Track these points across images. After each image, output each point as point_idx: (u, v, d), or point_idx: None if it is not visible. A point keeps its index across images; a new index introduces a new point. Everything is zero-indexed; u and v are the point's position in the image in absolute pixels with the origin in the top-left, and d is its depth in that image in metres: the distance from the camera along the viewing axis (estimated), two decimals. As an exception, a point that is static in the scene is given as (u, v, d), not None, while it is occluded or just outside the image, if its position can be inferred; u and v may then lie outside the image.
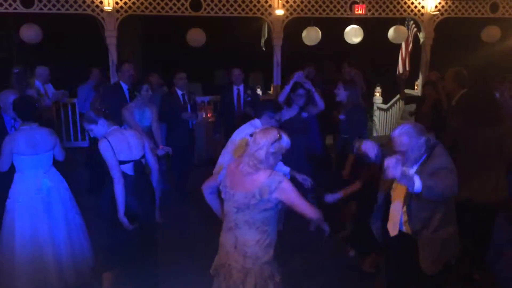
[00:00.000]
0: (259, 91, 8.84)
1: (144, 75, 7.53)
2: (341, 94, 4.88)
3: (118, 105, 5.11)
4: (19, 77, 5.49)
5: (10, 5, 7.25)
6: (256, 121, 4.09)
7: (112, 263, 3.62)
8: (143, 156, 3.66)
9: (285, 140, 2.72)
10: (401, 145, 2.85)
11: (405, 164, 2.85)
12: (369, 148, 3.02)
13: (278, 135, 2.68)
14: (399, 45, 9.61)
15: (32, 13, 7.37)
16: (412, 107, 7.17)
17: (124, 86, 5.50)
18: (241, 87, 6.43)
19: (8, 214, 3.84)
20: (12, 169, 3.85)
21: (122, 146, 3.49)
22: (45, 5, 7.32)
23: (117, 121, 4.99)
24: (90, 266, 4.14)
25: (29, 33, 7.33)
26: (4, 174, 3.84)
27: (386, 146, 3.16)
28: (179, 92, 5.90)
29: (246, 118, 6.06)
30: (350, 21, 8.39)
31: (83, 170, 6.28)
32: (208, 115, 8.21)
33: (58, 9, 7.39)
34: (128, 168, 3.51)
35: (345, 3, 8.22)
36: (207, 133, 7.89)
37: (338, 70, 7.82)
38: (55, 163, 4.06)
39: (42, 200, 3.87)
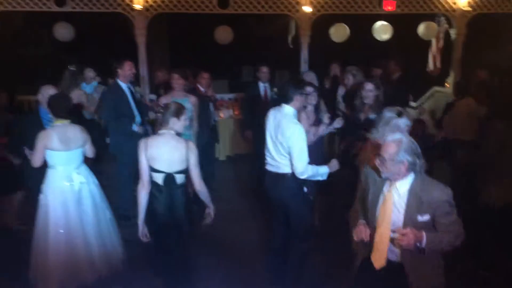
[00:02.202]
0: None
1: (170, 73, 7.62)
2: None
3: (118, 105, 5.20)
4: (73, 74, 5.64)
5: (44, 4, 7.47)
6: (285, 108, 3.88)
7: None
8: (182, 171, 3.49)
9: None
10: (385, 152, 2.70)
11: (382, 172, 2.75)
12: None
13: None
14: (429, 42, 9.40)
15: (65, 12, 7.58)
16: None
17: (123, 85, 5.36)
18: (268, 85, 6.43)
19: (41, 209, 3.97)
20: (45, 165, 3.97)
21: (158, 153, 3.41)
22: (77, 4, 7.51)
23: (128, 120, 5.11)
24: (120, 258, 4.24)
25: (62, 31, 7.53)
26: (37, 169, 3.96)
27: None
28: (202, 90, 5.97)
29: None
30: (378, 17, 8.27)
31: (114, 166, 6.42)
32: (235, 113, 8.25)
33: (90, 8, 7.56)
34: (159, 179, 3.44)
35: (374, -1, 8.11)
36: (235, 130, 7.94)
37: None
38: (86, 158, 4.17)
39: (73, 195, 3.98)
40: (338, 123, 4.51)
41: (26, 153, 4.03)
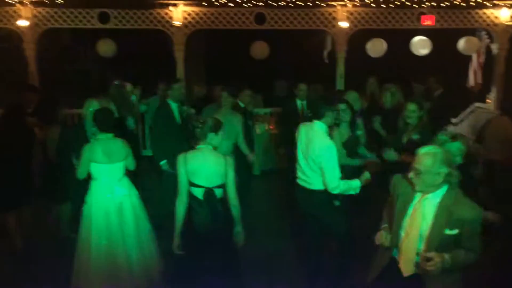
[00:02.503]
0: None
1: (209, 88, 7.76)
2: None
3: (165, 123, 5.33)
4: (118, 88, 5.85)
5: (88, 21, 7.78)
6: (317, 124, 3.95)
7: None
8: (221, 186, 3.50)
9: None
10: (420, 164, 2.67)
11: (416, 185, 2.71)
12: None
13: None
14: (470, 57, 9.18)
15: (108, 28, 7.87)
16: None
17: (173, 104, 5.51)
18: (305, 102, 6.44)
19: (85, 219, 4.09)
20: (88, 177, 4.10)
21: (198, 168, 3.43)
22: (120, 21, 7.78)
23: (176, 139, 5.20)
24: (159, 270, 4.29)
25: (105, 47, 7.81)
26: (81, 181, 4.10)
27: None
28: (241, 105, 6.02)
29: None
30: (416, 32, 8.16)
31: (152, 178, 6.53)
32: (271, 127, 8.28)
33: (132, 24, 7.83)
34: (199, 193, 3.46)
35: (412, 14, 8.02)
36: (270, 144, 7.95)
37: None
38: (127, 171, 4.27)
39: (115, 206, 4.08)
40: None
41: (75, 163, 4.16)
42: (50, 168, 4.99)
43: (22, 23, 7.66)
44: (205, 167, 3.42)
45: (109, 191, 4.09)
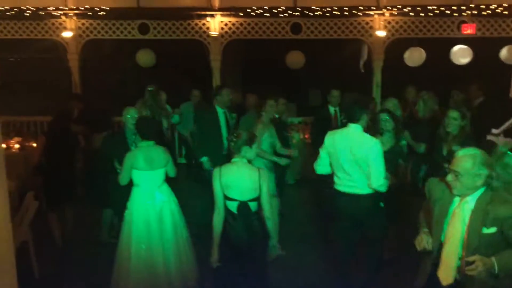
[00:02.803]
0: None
1: (243, 97, 7.82)
2: None
3: (211, 129, 5.36)
4: (153, 94, 5.99)
5: (129, 32, 8.03)
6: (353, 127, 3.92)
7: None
8: (256, 199, 3.47)
9: None
10: (459, 166, 2.60)
11: (455, 188, 2.64)
12: None
13: None
14: (512, 66, 8.90)
15: (147, 39, 8.10)
16: None
17: (220, 110, 5.54)
18: (338, 108, 6.40)
19: (126, 224, 4.18)
20: (130, 183, 4.20)
21: (232, 182, 3.42)
22: (158, 32, 8.00)
23: (214, 146, 5.25)
24: (195, 278, 4.33)
25: (144, 57, 8.03)
26: (123, 187, 4.20)
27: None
28: (276, 115, 6.03)
29: None
30: (456, 41, 8.00)
31: (183, 186, 6.62)
32: (306, 136, 8.26)
33: (170, 35, 8.03)
34: (234, 207, 3.45)
35: (452, 22, 7.87)
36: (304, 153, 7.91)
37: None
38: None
39: (155, 213, 4.16)
40: None
41: (118, 168, 4.27)
42: (94, 174, 5.16)
43: (67, 34, 7.98)
44: (239, 181, 3.42)
45: (150, 197, 4.17)
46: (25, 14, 7.70)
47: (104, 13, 7.73)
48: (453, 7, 7.51)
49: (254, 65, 12.47)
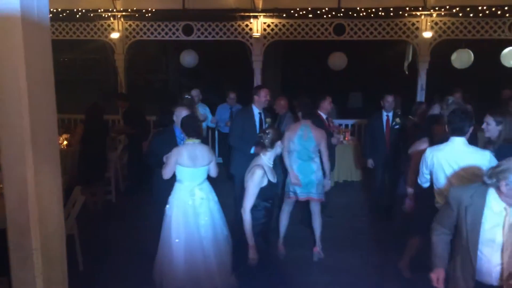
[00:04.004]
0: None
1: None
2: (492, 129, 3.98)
3: (248, 129, 5.35)
4: (190, 101, 6.15)
5: (174, 33, 8.21)
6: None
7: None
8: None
9: None
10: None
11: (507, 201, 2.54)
12: None
13: None
14: None
15: (189, 40, 8.25)
16: None
17: (255, 110, 5.52)
18: (391, 114, 6.24)
19: (166, 219, 4.26)
20: (172, 179, 4.29)
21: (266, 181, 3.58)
22: (202, 33, 8.12)
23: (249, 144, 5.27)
24: (231, 276, 4.35)
25: (188, 58, 8.18)
26: (165, 183, 4.30)
27: None
28: (324, 116, 5.99)
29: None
30: (507, 43, 7.67)
31: (223, 185, 6.68)
32: (346, 138, 8.14)
33: (213, 36, 8.14)
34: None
35: (503, 23, 7.55)
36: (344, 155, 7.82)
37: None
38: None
39: (193, 209, 4.22)
40: None
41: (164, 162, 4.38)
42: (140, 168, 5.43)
43: (114, 35, 8.25)
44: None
45: (191, 194, 4.23)
46: (76, 16, 8.02)
47: (150, 14, 7.94)
48: (505, 8, 7.20)
49: (296, 67, 12.47)
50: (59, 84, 2.46)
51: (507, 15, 7.44)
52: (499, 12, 7.34)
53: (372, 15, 7.66)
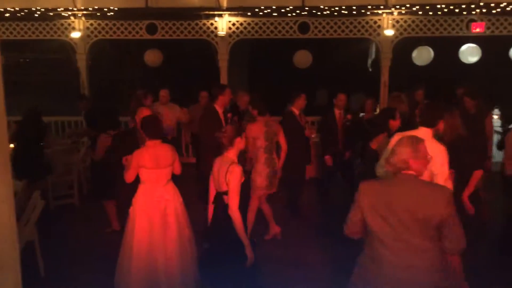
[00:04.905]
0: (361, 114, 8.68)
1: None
2: None
3: (212, 127, 5.35)
4: (138, 97, 6.07)
5: (137, 32, 8.08)
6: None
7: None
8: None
9: None
10: None
11: None
12: None
13: None
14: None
15: (154, 39, 8.14)
16: None
17: (219, 110, 5.57)
18: (342, 111, 6.36)
19: (130, 221, 4.20)
20: (137, 181, 4.22)
21: (215, 173, 3.57)
22: (166, 32, 8.03)
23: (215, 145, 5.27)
24: (195, 279, 4.32)
25: (152, 57, 8.07)
26: (130, 185, 4.23)
27: None
28: (297, 112, 6.06)
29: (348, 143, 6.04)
30: (465, 40, 7.93)
31: (192, 185, 6.64)
32: (312, 135, 8.23)
33: (178, 35, 8.06)
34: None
35: (461, 21, 7.80)
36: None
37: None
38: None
39: (159, 211, 4.16)
40: None
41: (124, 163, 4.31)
42: (101, 169, 5.38)
43: (75, 35, 8.05)
44: (218, 173, 3.55)
45: (155, 195, 4.18)
46: (34, 15, 7.78)
47: (112, 13, 7.78)
48: (462, 6, 7.43)
49: (261, 65, 12.50)
50: (20, 85, 2.38)
51: (465, 13, 7.68)
52: (456, 10, 7.57)
53: (335, 14, 7.75)
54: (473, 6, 7.43)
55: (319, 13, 7.75)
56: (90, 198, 6.70)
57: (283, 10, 7.68)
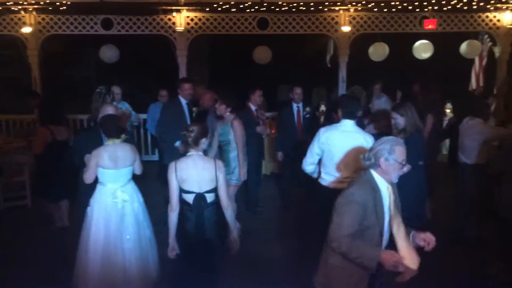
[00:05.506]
0: (323, 107, 8.82)
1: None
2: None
3: (177, 119, 5.36)
4: (102, 95, 5.87)
5: (92, 27, 7.83)
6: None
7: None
8: (212, 190, 3.53)
9: None
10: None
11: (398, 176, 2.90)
12: None
13: None
14: (472, 60, 9.19)
15: (110, 34, 7.91)
16: None
17: (183, 101, 5.60)
18: (301, 105, 6.43)
19: (87, 221, 4.10)
20: (96, 180, 4.11)
21: (188, 175, 3.46)
22: (122, 27, 7.83)
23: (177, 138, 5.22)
24: (154, 278, 4.27)
25: (108, 53, 7.85)
26: (90, 185, 4.12)
27: None
28: (253, 108, 6.06)
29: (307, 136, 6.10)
30: (419, 36, 8.18)
31: (154, 183, 6.53)
32: (272, 131, 8.27)
33: (135, 30, 7.87)
34: (191, 199, 3.49)
35: (415, 18, 8.03)
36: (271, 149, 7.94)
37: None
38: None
39: (116, 212, 4.07)
40: None
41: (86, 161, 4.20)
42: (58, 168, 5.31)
43: (26, 30, 7.72)
44: (195, 173, 3.47)
45: (113, 196, 4.08)
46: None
47: (65, 7, 7.50)
48: (415, 3, 7.66)
49: (223, 61, 12.42)
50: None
51: (418, 10, 7.92)
52: (410, 7, 7.80)
53: (293, 10, 7.81)
54: (425, 3, 7.67)
55: (277, 9, 7.78)
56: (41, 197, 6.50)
57: (241, 6, 7.66)
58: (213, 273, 3.67)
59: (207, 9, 7.80)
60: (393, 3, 7.64)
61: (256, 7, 7.73)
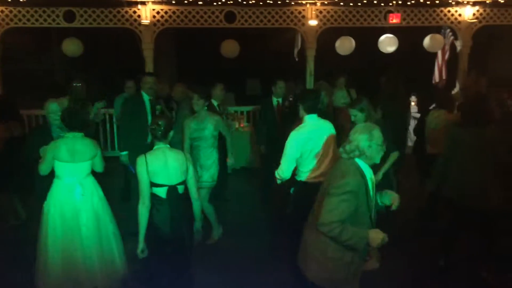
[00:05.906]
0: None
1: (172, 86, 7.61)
2: None
3: (134, 112, 5.33)
4: (78, 89, 5.82)
5: (54, 20, 7.60)
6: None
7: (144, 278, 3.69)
8: (183, 182, 3.54)
9: None
10: None
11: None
12: None
13: None
14: (435, 54, 9.43)
15: (73, 27, 7.69)
16: None
17: (145, 97, 5.49)
18: (281, 99, 6.43)
19: (44, 217, 4.02)
20: (53, 174, 4.01)
21: (160, 168, 3.44)
22: (86, 20, 7.63)
23: (142, 132, 5.16)
24: (121, 274, 4.21)
25: (71, 47, 7.64)
26: (45, 177, 4.02)
27: None
28: (215, 103, 6.01)
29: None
30: (384, 30, 8.32)
31: (119, 179, 6.44)
32: (241, 125, 8.28)
33: (98, 23, 7.68)
34: (162, 192, 3.46)
35: (380, 12, 8.16)
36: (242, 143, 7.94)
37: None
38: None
39: (73, 207, 3.99)
40: None
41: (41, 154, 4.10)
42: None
43: (-16, 22, 7.41)
44: (166, 166, 3.44)
45: (70, 190, 4.00)
46: None
47: (25, -1, 7.25)
48: (380, -3, 7.78)
49: (190, 55, 12.32)
50: None
51: (383, 4, 8.04)
52: (375, 2, 7.90)
53: (261, 3, 7.79)
54: (390, -2, 7.80)
55: (245, 2, 7.74)
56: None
57: (208, -1, 7.58)
58: (186, 266, 3.66)
59: (173, 2, 7.68)
60: (358, -3, 7.73)
61: (224, 0, 7.67)
